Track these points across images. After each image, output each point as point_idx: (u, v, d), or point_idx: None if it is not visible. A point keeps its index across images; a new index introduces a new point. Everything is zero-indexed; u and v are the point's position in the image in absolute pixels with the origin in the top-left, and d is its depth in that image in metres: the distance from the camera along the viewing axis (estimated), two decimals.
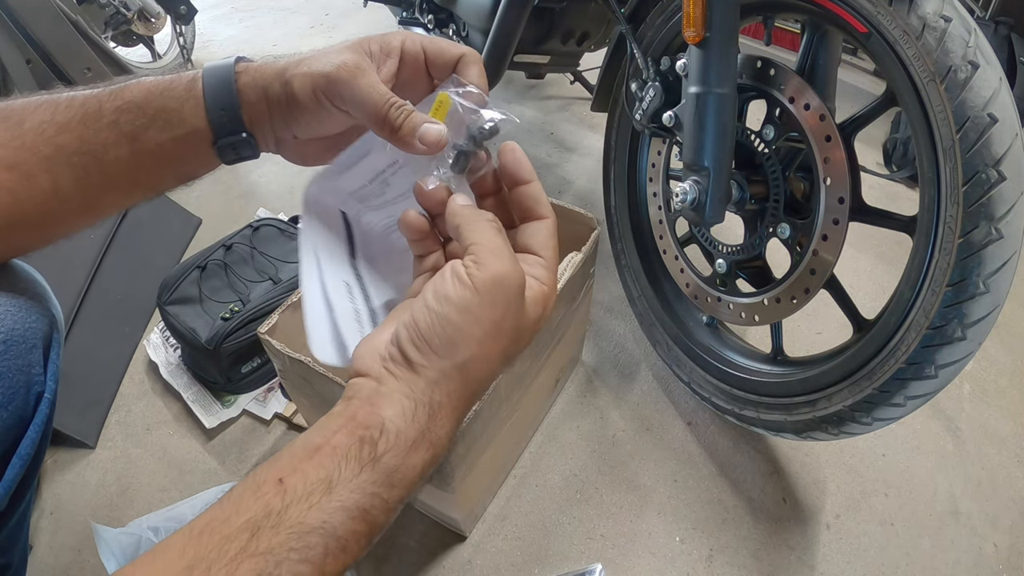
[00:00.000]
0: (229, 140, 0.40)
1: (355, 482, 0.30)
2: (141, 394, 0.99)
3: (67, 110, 0.38)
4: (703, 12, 0.67)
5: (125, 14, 1.67)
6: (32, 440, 0.44)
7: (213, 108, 0.38)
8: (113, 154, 0.38)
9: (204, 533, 0.28)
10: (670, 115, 0.76)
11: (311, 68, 0.37)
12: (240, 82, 0.39)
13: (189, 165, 0.41)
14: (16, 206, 0.38)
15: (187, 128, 0.39)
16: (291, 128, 0.40)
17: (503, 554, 0.79)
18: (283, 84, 0.38)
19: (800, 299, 0.73)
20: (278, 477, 0.30)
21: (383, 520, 0.31)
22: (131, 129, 0.38)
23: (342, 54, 0.37)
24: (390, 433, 0.31)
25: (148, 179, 0.41)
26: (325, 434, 0.31)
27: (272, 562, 0.28)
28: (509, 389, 0.69)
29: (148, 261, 1.17)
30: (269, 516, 0.28)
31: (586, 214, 0.81)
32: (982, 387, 1.02)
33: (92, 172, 0.39)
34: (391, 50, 0.39)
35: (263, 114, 0.39)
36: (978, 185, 0.54)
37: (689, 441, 0.92)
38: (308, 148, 0.43)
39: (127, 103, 0.38)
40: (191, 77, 0.39)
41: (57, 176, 0.38)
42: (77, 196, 0.39)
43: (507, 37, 1.06)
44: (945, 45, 0.55)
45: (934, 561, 0.80)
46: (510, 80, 1.88)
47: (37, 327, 0.45)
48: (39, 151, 0.37)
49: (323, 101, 0.37)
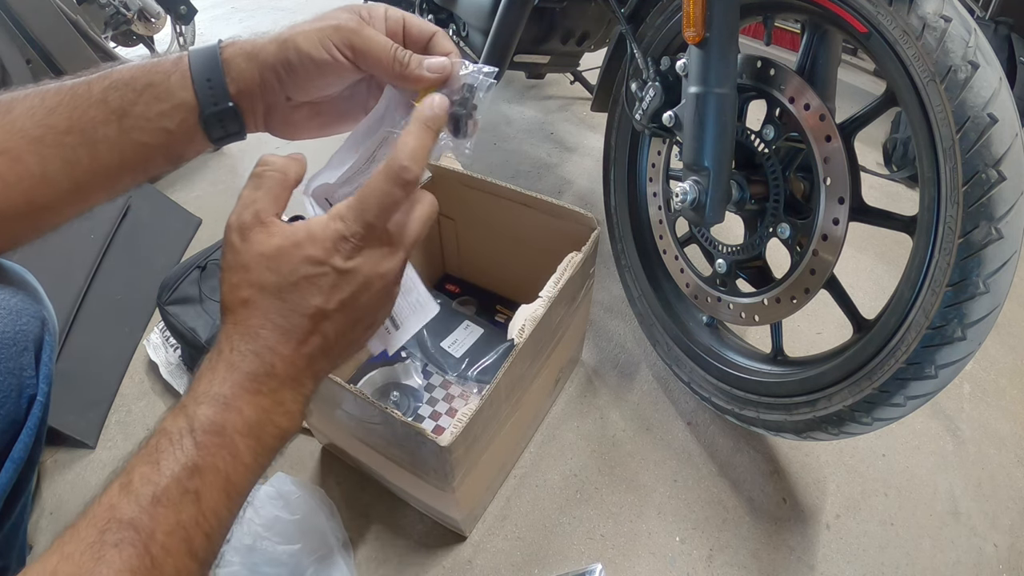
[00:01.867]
0: (215, 111, 0.40)
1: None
2: (141, 394, 0.99)
3: (56, 94, 0.39)
4: (703, 12, 0.67)
5: (125, 14, 1.67)
6: (25, 444, 0.44)
7: (199, 79, 0.40)
8: (102, 132, 0.39)
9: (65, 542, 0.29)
10: (670, 115, 0.76)
11: (315, 25, 0.39)
12: (225, 54, 0.40)
13: (177, 142, 0.41)
14: (4, 192, 0.38)
15: (174, 101, 0.40)
16: (285, 89, 0.41)
17: (503, 554, 0.79)
18: (281, 44, 0.39)
19: (800, 299, 0.73)
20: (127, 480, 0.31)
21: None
22: (119, 105, 0.39)
23: (341, 13, 0.40)
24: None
25: (136, 159, 0.41)
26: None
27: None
28: (509, 389, 0.69)
29: (148, 261, 1.17)
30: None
31: (586, 214, 0.81)
32: (982, 387, 1.02)
33: (81, 153, 0.39)
34: (377, 17, 0.41)
35: (252, 81, 0.40)
36: (978, 185, 0.54)
37: (689, 441, 0.92)
38: (298, 115, 0.44)
39: (115, 81, 0.39)
40: (178, 55, 0.41)
41: (45, 158, 0.38)
42: (66, 180, 0.39)
43: (507, 37, 1.06)
44: (945, 45, 0.55)
45: (934, 561, 0.80)
46: (510, 80, 1.88)
47: (28, 329, 0.45)
48: (28, 133, 0.38)
49: (333, 51, 0.39)
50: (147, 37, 1.80)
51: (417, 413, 0.89)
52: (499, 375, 0.64)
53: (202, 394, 0.33)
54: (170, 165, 0.43)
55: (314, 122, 0.45)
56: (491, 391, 0.63)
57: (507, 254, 1.01)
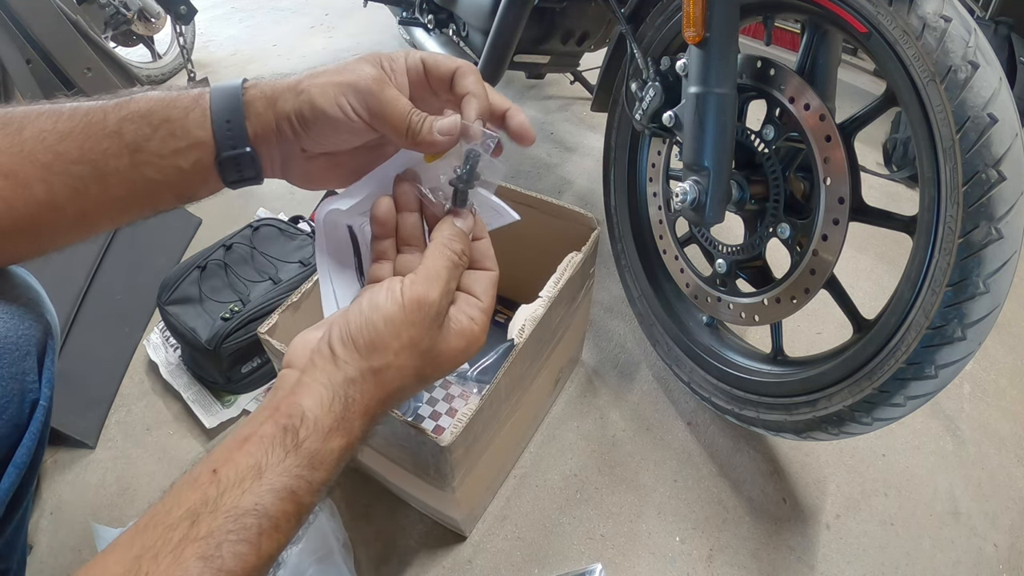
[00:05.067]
0: (232, 154, 0.39)
1: (282, 466, 0.33)
2: (141, 394, 0.99)
3: (69, 120, 0.38)
4: (703, 12, 0.67)
5: (125, 14, 1.67)
6: (28, 448, 0.44)
7: (218, 119, 0.38)
8: (113, 165, 0.38)
9: (148, 527, 0.30)
10: (670, 115, 0.76)
11: (333, 79, 0.38)
12: (248, 95, 0.39)
13: (189, 182, 0.40)
14: (9, 214, 0.37)
15: (190, 140, 0.38)
16: (300, 140, 0.40)
17: (503, 554, 0.79)
18: (297, 94, 0.38)
19: (800, 299, 0.73)
20: (212, 468, 0.32)
21: (309, 501, 0.34)
22: (133, 139, 0.38)
23: (362, 66, 0.39)
24: (309, 421, 0.34)
25: (146, 195, 0.40)
26: (253, 425, 0.34)
27: (213, 544, 0.30)
28: (509, 389, 0.69)
29: (148, 261, 1.17)
30: (206, 504, 0.31)
31: (586, 214, 0.81)
32: (982, 387, 1.02)
33: (90, 183, 0.38)
34: (399, 70, 0.40)
35: (269, 128, 0.39)
36: (978, 185, 0.54)
37: (689, 441, 0.92)
38: (313, 166, 0.43)
39: (132, 113, 0.38)
40: (199, 91, 0.39)
41: (53, 186, 0.37)
42: (72, 208, 0.39)
43: (507, 37, 1.06)
44: (945, 45, 0.55)
45: (934, 561, 0.80)
46: (510, 80, 1.88)
47: (31, 334, 0.45)
48: (37, 159, 0.37)
49: (347, 110, 0.38)
50: (147, 37, 1.80)
51: (417, 413, 0.89)
52: (499, 375, 0.64)
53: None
54: (180, 203, 0.43)
55: (332, 173, 0.44)
56: (491, 391, 0.63)
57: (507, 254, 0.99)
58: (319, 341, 0.38)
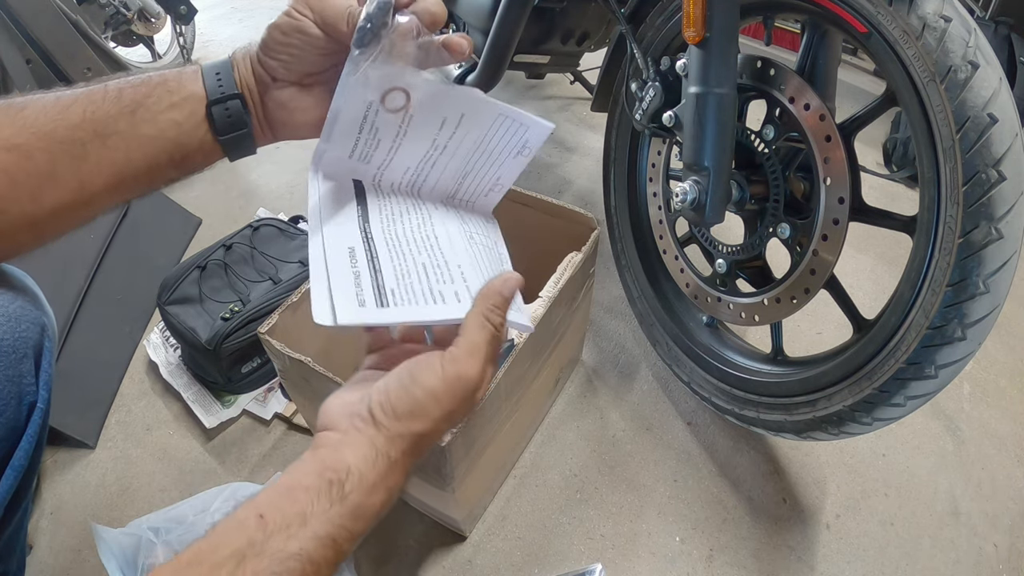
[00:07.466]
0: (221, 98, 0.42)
1: (326, 515, 0.34)
2: (141, 394, 0.99)
3: (72, 95, 0.41)
4: (703, 12, 0.66)
5: (125, 14, 1.67)
6: (26, 451, 0.44)
7: (209, 73, 0.43)
8: (113, 127, 0.40)
9: (192, 564, 0.32)
10: (670, 115, 0.76)
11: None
12: (234, 57, 0.44)
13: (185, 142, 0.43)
14: (11, 190, 0.38)
15: (184, 93, 0.42)
16: (268, 68, 0.43)
17: (503, 554, 0.79)
18: (266, 29, 0.43)
19: (800, 299, 0.73)
20: (258, 513, 0.34)
21: (348, 548, 0.36)
22: (132, 98, 0.41)
23: None
24: (354, 475, 0.36)
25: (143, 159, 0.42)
26: (297, 476, 0.36)
27: None
28: (509, 389, 0.69)
29: (148, 261, 1.17)
30: (252, 546, 0.32)
31: (586, 214, 0.81)
32: (982, 387, 1.02)
33: (90, 148, 0.40)
34: None
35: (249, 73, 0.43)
36: (978, 185, 0.54)
37: (689, 441, 0.92)
38: (285, 96, 0.44)
39: (131, 80, 0.42)
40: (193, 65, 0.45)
41: (55, 154, 0.39)
42: (72, 179, 0.40)
43: (507, 37, 1.05)
44: (945, 45, 0.55)
45: (934, 561, 0.80)
46: (510, 80, 1.88)
47: (27, 336, 0.45)
48: (40, 128, 0.39)
49: (293, 13, 0.41)
50: (147, 37, 1.79)
51: None
52: (499, 375, 0.64)
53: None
54: (176, 172, 0.44)
55: (306, 102, 0.45)
56: (491, 391, 0.63)
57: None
58: (357, 404, 0.39)
